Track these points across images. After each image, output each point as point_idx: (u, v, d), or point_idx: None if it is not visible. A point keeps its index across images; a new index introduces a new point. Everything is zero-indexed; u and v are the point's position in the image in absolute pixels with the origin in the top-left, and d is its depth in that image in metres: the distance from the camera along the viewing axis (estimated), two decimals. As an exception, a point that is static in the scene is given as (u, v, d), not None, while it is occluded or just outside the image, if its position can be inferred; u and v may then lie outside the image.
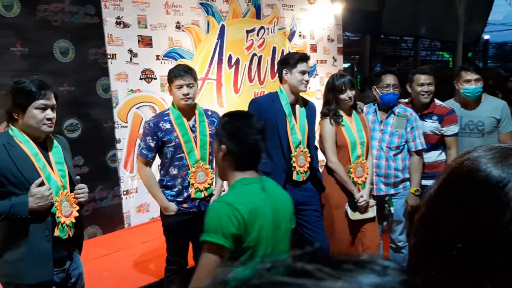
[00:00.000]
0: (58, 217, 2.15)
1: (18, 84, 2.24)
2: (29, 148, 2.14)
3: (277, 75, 3.46)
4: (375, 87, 3.60)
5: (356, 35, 14.98)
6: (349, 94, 3.33)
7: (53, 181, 2.16)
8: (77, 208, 2.26)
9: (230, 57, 5.88)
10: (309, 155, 3.26)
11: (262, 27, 6.28)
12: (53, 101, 2.24)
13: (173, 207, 2.95)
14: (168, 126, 2.93)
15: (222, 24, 5.78)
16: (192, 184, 2.94)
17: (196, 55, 5.49)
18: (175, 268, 3.07)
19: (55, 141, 2.33)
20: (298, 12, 6.87)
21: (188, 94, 2.87)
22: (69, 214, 2.20)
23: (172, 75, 2.91)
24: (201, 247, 1.61)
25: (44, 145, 2.25)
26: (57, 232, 2.14)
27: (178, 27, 5.29)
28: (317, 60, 7.19)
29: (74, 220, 2.23)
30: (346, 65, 14.79)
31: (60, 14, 4.35)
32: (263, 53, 6.29)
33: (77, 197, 2.26)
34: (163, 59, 5.16)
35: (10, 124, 2.27)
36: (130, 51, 4.85)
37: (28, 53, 4.18)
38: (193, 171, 2.93)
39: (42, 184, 2.10)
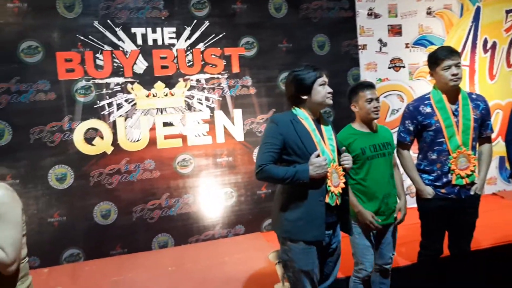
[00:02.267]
0: (328, 186, 2.41)
1: (298, 71, 2.56)
2: (309, 124, 2.47)
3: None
4: None
5: None
6: None
7: (326, 154, 2.44)
8: (344, 180, 2.50)
9: (485, 41, 5.40)
10: None
11: (526, 5, 5.54)
12: (327, 79, 2.52)
13: (429, 190, 2.94)
14: (428, 110, 2.92)
15: (478, 6, 5.35)
16: (453, 170, 2.86)
17: (447, 41, 5.24)
18: (429, 254, 3.05)
19: (326, 120, 2.62)
20: None
21: (457, 74, 2.80)
22: (337, 184, 2.45)
23: (439, 57, 2.87)
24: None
25: (318, 122, 2.56)
26: (327, 199, 2.42)
27: (429, 13, 5.15)
28: None
29: (341, 191, 2.48)
30: None
31: (319, 11, 4.78)
32: (526, 34, 5.55)
33: (343, 163, 2.48)
34: (412, 47, 5.11)
35: (293, 106, 2.63)
36: (380, 40, 4.98)
37: (291, 49, 4.74)
38: (454, 156, 2.85)
39: (319, 155, 2.40)
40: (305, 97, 2.46)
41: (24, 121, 3.97)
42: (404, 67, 5.09)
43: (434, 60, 2.91)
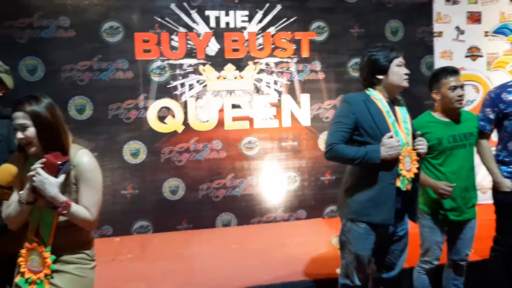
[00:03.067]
0: (400, 169, 2.36)
1: (377, 51, 2.49)
2: (383, 105, 2.42)
3: None
4: None
5: None
6: None
7: (400, 136, 2.38)
8: (417, 165, 2.43)
9: None
10: None
11: None
12: (403, 60, 2.44)
13: (508, 183, 2.80)
14: (511, 97, 2.78)
15: None
16: (535, 163, 2.72)
17: (531, 30, 4.91)
18: (503, 249, 2.92)
19: (401, 101, 2.55)
20: None
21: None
22: (409, 169, 2.39)
23: None
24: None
25: (392, 104, 2.50)
26: (398, 183, 2.37)
27: (512, 0, 4.85)
28: None
29: (413, 176, 2.41)
30: None
31: (394, -5, 4.66)
32: None
33: (417, 148, 2.41)
34: (492, 36, 4.85)
35: (368, 87, 2.59)
36: (457, 28, 4.76)
37: (363, 34, 4.66)
38: (537, 149, 2.71)
39: (392, 137, 2.35)
40: (380, 77, 2.40)
41: (104, 97, 4.21)
42: (482, 56, 4.84)
43: None
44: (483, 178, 4.29)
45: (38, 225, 1.89)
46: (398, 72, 2.37)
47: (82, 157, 1.89)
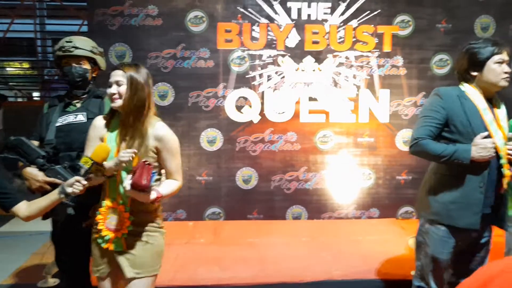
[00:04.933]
0: (504, 169, 2.21)
1: (476, 44, 2.35)
2: (479, 102, 2.28)
3: None
4: None
5: None
6: None
7: (499, 136, 2.23)
8: (510, 173, 2.26)
9: None
10: None
11: None
12: (507, 57, 2.28)
13: None
14: None
15: None
16: None
17: None
18: None
19: (499, 99, 2.39)
20: None
21: None
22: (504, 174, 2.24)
23: None
24: None
25: (491, 102, 2.34)
26: (504, 184, 2.21)
27: None
28: None
29: (509, 179, 2.25)
30: None
31: (490, -11, 4.41)
32: None
33: (509, 152, 2.24)
34: None
35: (463, 81, 2.46)
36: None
37: (451, 29, 4.44)
38: None
39: (488, 137, 2.20)
40: (475, 74, 2.27)
41: (185, 85, 4.33)
42: None
43: None
44: None
45: (117, 187, 2.02)
46: (495, 70, 2.21)
47: (162, 128, 2.03)
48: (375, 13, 4.38)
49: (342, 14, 4.38)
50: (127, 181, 1.89)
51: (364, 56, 4.44)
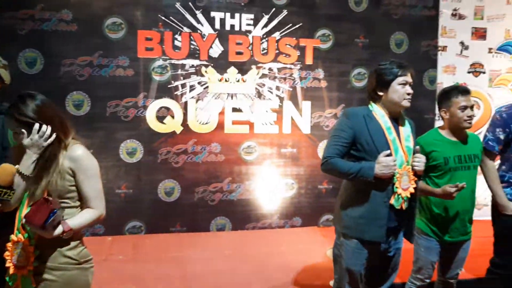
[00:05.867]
0: (396, 187, 2.34)
1: (383, 65, 2.47)
2: (384, 121, 2.38)
3: None
4: None
5: None
6: None
7: (399, 155, 2.35)
8: (414, 185, 2.40)
9: None
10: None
11: None
12: (411, 79, 2.40)
13: (511, 206, 2.79)
14: (523, 118, 2.76)
15: None
16: (540, 186, 2.70)
17: (535, 49, 4.92)
18: (501, 273, 2.90)
19: (406, 119, 2.52)
20: None
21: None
22: (406, 188, 2.36)
23: None
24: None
25: (396, 121, 2.46)
26: (392, 201, 2.34)
27: (517, 18, 4.86)
28: None
29: (409, 195, 2.38)
30: None
31: (401, 8, 4.63)
32: None
33: (413, 165, 2.38)
34: (495, 53, 4.85)
35: (370, 101, 2.55)
36: (462, 43, 4.76)
37: (368, 44, 4.63)
38: (541, 170, 2.69)
39: (389, 155, 2.32)
40: (381, 94, 2.38)
41: (103, 94, 4.13)
42: (484, 73, 4.84)
43: None
44: (478, 195, 4.28)
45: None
46: (398, 91, 2.32)
47: (78, 149, 1.87)
48: (297, 26, 4.46)
49: (265, 26, 4.40)
50: (24, 212, 1.75)
51: (287, 68, 4.50)
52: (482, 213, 4.30)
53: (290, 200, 4.64)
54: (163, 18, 4.20)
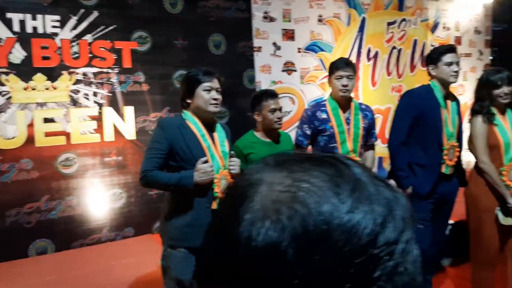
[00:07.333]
0: (216, 192, 2.41)
1: (189, 73, 2.52)
2: (198, 129, 2.43)
3: (415, 68, 3.36)
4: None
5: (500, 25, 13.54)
6: (505, 90, 3.11)
7: (216, 160, 2.42)
8: None
9: (369, 50, 5.82)
10: (458, 149, 3.16)
11: (403, 19, 6.08)
12: (217, 85, 2.47)
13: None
14: (324, 116, 3.06)
15: (363, 17, 5.74)
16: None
17: (335, 48, 5.54)
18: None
19: (219, 125, 2.60)
20: (443, 3, 6.51)
21: (347, 85, 2.97)
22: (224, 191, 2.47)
23: (334, 66, 3.03)
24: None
25: (210, 127, 2.52)
26: (214, 205, 2.41)
27: (320, 20, 5.40)
28: (461, 54, 6.73)
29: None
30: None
31: (216, 10, 4.74)
32: (403, 46, 6.09)
33: (229, 168, 2.48)
34: (304, 52, 5.32)
35: (183, 109, 2.58)
36: (274, 44, 5.10)
37: (187, 46, 4.64)
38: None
39: (206, 162, 2.37)
40: (189, 101, 2.43)
41: None
42: (296, 71, 5.28)
43: (330, 69, 3.07)
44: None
45: None
46: (203, 97, 2.40)
47: None
48: (111, 28, 4.24)
49: (74, 28, 4.08)
50: None
51: (104, 73, 4.25)
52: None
53: (120, 210, 4.43)
54: None
